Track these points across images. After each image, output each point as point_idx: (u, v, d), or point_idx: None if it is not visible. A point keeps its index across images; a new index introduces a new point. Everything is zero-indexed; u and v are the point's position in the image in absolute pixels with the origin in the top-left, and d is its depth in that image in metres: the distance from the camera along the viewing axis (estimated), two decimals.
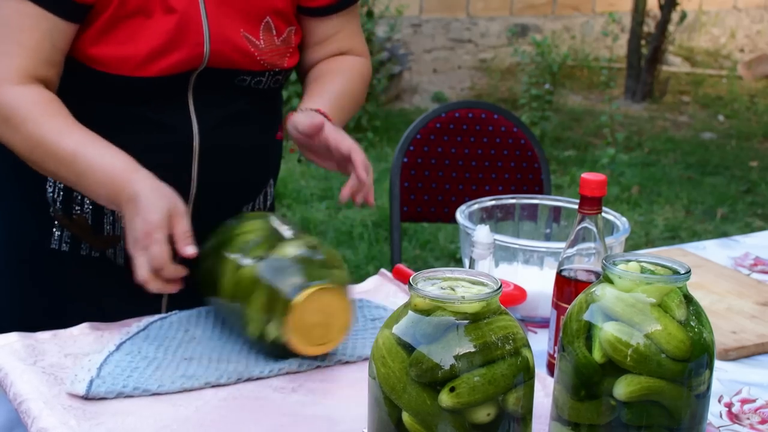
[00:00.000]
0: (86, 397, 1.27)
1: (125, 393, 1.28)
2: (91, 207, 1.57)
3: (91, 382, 1.29)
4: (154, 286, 1.37)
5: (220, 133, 1.57)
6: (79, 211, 1.57)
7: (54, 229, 1.60)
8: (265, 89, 1.61)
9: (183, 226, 1.39)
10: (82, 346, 1.42)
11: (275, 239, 1.43)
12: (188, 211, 1.56)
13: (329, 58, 1.70)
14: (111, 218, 1.57)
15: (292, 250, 1.40)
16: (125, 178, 1.40)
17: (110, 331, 1.48)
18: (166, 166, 1.50)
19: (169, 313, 1.53)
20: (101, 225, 1.58)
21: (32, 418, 1.22)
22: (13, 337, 1.43)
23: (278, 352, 1.38)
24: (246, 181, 1.65)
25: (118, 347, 1.39)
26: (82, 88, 1.51)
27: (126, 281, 1.61)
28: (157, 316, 1.51)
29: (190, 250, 1.37)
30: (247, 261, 1.41)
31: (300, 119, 1.52)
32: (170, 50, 1.48)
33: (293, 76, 1.79)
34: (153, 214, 1.36)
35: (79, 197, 1.56)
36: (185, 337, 1.46)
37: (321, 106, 1.58)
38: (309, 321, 1.35)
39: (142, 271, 1.36)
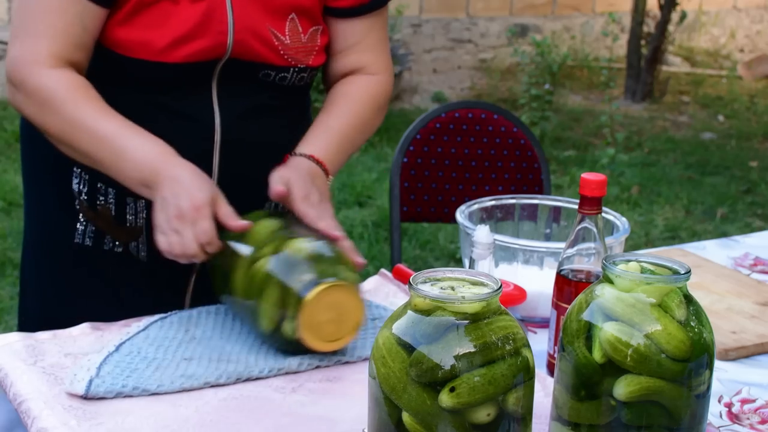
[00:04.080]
0: (85, 397, 1.27)
1: (124, 393, 1.28)
2: (114, 198, 1.58)
3: (91, 381, 1.29)
4: (199, 257, 1.42)
5: (242, 127, 1.58)
6: (103, 202, 1.59)
7: (78, 224, 1.62)
8: (290, 86, 1.62)
9: (226, 208, 1.44)
10: (82, 346, 1.42)
11: (286, 235, 1.44)
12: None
13: (347, 75, 1.69)
14: (134, 209, 1.59)
15: (303, 245, 1.41)
16: (165, 160, 1.45)
17: (110, 331, 1.48)
18: (187, 156, 1.52)
19: (169, 313, 1.53)
20: (124, 216, 1.59)
21: (32, 418, 1.22)
22: (13, 337, 1.43)
23: (292, 348, 1.39)
24: (268, 177, 1.63)
25: (117, 347, 1.39)
26: (106, 73, 1.54)
27: (149, 276, 1.62)
28: (157, 316, 1.51)
29: (241, 222, 1.42)
30: (259, 258, 1.41)
31: (272, 182, 1.51)
32: (194, 38, 1.50)
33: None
34: (200, 192, 1.41)
35: (103, 188, 1.58)
36: (185, 337, 1.46)
37: (317, 152, 1.58)
38: (321, 317, 1.36)
39: (191, 245, 1.40)
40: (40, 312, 1.69)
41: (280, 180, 1.52)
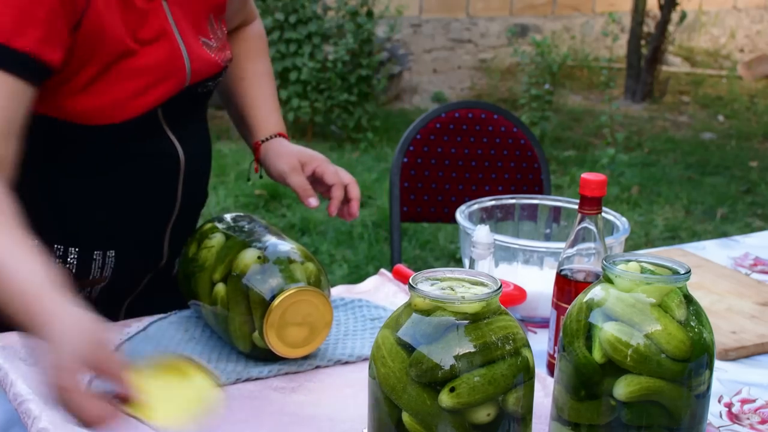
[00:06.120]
0: None
1: None
2: (76, 257, 1.50)
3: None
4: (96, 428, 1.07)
5: (196, 144, 1.57)
6: (60, 262, 1.48)
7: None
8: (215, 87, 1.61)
9: (114, 365, 1.08)
10: None
11: (245, 242, 1.42)
12: (169, 226, 1.56)
13: (234, 31, 1.76)
14: (100, 262, 1.52)
15: (263, 251, 1.39)
16: (39, 299, 1.11)
17: (110, 331, 1.48)
18: (155, 189, 1.51)
19: (169, 314, 1.53)
20: (88, 270, 1.51)
21: (32, 418, 1.22)
22: (13, 337, 1.43)
23: (267, 356, 1.38)
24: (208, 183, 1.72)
25: (117, 348, 1.39)
26: (62, 145, 1.43)
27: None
28: (156, 317, 1.51)
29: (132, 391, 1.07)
30: (221, 266, 1.40)
31: (288, 174, 1.61)
32: (160, 82, 1.43)
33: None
34: (67, 354, 1.06)
35: (61, 249, 1.49)
36: (185, 337, 1.46)
37: (279, 127, 1.71)
38: (288, 323, 1.34)
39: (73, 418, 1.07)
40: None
41: (293, 167, 1.61)
